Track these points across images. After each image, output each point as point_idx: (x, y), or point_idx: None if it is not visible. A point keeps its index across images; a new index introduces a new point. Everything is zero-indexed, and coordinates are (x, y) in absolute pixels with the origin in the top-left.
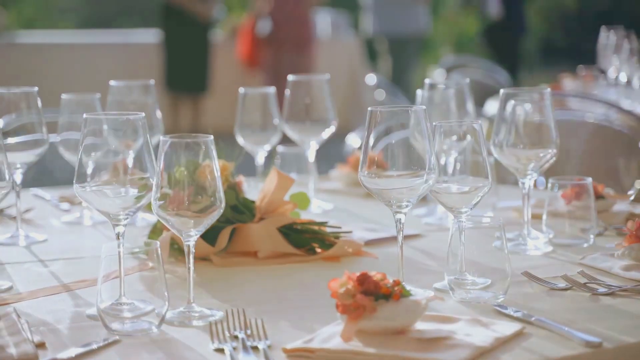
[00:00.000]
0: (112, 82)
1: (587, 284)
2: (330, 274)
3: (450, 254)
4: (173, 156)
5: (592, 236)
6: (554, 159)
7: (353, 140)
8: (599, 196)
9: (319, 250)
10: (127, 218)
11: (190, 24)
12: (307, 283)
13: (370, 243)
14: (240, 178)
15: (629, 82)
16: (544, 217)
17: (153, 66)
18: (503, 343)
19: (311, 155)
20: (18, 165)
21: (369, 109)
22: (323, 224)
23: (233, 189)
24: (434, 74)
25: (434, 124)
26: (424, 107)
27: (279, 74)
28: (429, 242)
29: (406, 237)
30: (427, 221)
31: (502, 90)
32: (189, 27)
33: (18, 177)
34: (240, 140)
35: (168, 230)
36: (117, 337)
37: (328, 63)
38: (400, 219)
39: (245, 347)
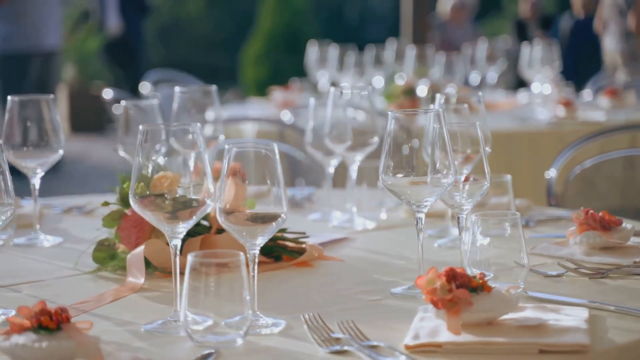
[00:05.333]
0: None
1: (578, 270)
2: (322, 277)
3: (465, 250)
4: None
5: (509, 227)
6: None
7: None
8: None
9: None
10: (183, 231)
11: None
12: (316, 286)
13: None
14: None
15: None
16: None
17: None
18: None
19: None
20: None
21: (389, 112)
22: (283, 230)
23: None
24: (141, 86)
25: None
26: (440, 109)
27: None
28: (366, 243)
29: (339, 240)
30: (334, 225)
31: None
32: None
33: None
34: (123, 153)
35: (119, 246)
36: (212, 350)
37: None
38: (420, 218)
39: (362, 347)
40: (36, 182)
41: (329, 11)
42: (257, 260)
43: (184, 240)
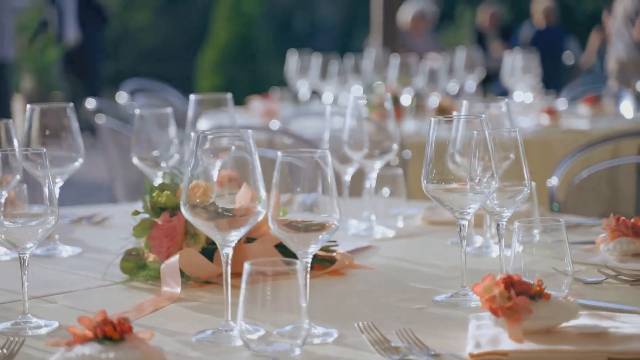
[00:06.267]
0: None
1: (618, 277)
2: (356, 286)
3: (509, 257)
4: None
5: (549, 234)
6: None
7: None
8: None
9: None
10: (235, 240)
11: None
12: (354, 295)
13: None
14: None
15: (335, 100)
16: (488, 221)
17: None
18: None
19: None
20: None
21: (432, 119)
22: None
23: None
24: (118, 96)
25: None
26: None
27: None
28: (390, 251)
29: (364, 248)
30: (353, 233)
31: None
32: None
33: None
34: (136, 161)
35: (149, 255)
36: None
37: None
38: (463, 225)
39: (426, 356)
40: (55, 192)
41: (279, 22)
42: (309, 268)
43: (213, 250)
